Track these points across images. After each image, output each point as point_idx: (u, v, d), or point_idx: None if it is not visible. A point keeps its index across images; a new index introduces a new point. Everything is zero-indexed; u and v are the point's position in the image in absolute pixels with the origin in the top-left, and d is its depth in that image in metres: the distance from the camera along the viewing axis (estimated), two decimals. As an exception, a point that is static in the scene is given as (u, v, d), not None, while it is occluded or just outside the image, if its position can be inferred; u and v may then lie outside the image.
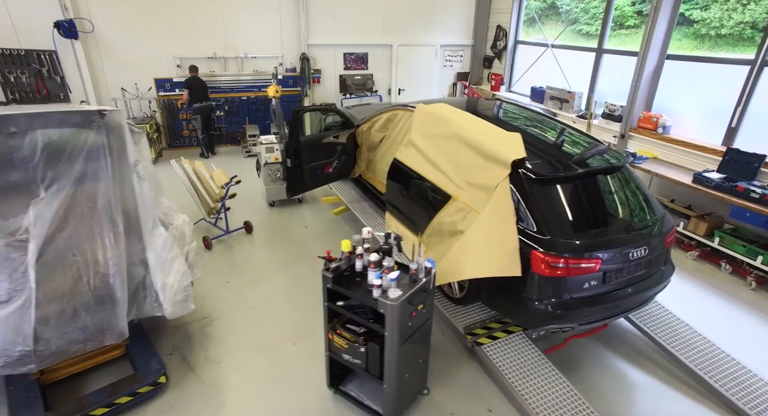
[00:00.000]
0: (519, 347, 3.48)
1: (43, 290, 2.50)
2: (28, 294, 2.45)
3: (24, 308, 2.45)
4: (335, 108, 5.28)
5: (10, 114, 2.32)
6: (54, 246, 2.54)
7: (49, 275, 2.52)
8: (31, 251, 2.46)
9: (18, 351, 2.51)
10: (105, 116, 2.58)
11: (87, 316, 2.68)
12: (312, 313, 4.34)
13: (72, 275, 2.61)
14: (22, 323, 2.45)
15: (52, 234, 2.52)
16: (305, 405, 3.31)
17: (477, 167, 3.61)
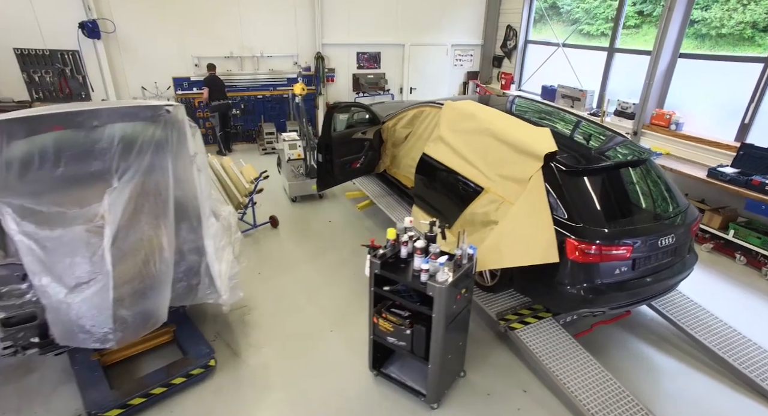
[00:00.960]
0: (549, 331, 3.65)
1: (118, 272, 2.67)
2: (106, 276, 2.63)
3: (104, 290, 2.62)
4: (365, 105, 5.44)
5: (93, 109, 2.49)
6: (125, 232, 2.71)
7: (121, 259, 2.70)
8: (107, 236, 2.63)
9: (102, 328, 2.69)
10: (170, 111, 2.76)
11: (153, 297, 2.86)
12: (344, 302, 4.51)
13: (140, 260, 2.78)
14: (102, 303, 2.63)
15: (123, 221, 2.69)
16: (348, 387, 3.48)
17: (508, 160, 3.78)
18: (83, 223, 2.64)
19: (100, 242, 2.63)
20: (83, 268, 2.62)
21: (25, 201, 2.65)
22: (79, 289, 2.62)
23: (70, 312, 2.62)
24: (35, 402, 3.21)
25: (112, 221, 2.62)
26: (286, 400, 3.35)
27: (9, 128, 2.27)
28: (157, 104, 2.67)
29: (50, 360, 3.56)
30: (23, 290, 2.75)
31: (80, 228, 2.61)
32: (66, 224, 2.63)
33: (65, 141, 2.54)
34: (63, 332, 2.69)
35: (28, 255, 2.60)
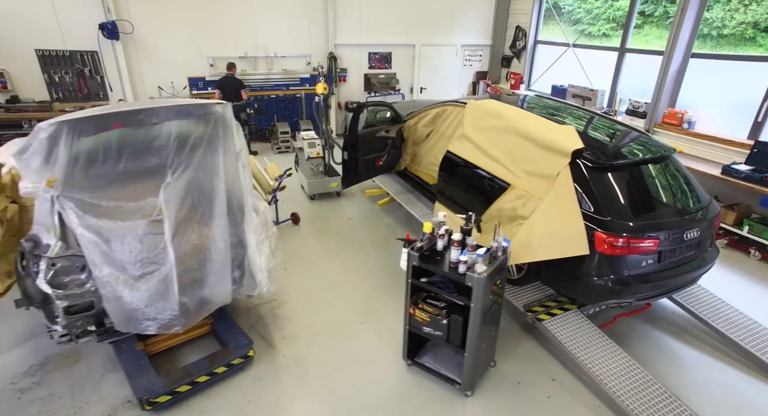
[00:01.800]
0: (576, 322, 3.77)
1: (179, 262, 2.81)
2: (170, 266, 2.76)
3: (169, 278, 2.76)
4: (389, 104, 5.57)
5: (151, 107, 2.62)
6: (182, 225, 2.84)
7: (180, 250, 2.83)
8: (167, 228, 2.76)
9: (168, 315, 2.82)
10: (219, 110, 2.88)
11: (211, 285, 3.00)
12: (371, 296, 4.64)
13: (196, 251, 2.91)
14: (168, 291, 2.76)
15: (180, 214, 2.82)
16: (383, 376, 3.60)
17: (534, 157, 3.91)
18: (142, 216, 2.77)
19: (161, 233, 2.76)
20: (147, 259, 2.75)
21: (85, 196, 2.77)
22: (145, 279, 2.75)
23: (134, 301, 2.75)
24: (86, 389, 3.34)
25: (170, 214, 2.75)
26: (324, 389, 3.47)
27: (79, 126, 2.40)
28: (207, 103, 2.79)
29: (95, 350, 3.69)
30: (83, 280, 2.88)
31: (141, 221, 2.74)
32: (126, 217, 2.76)
33: (123, 138, 2.67)
34: (125, 320, 2.82)
35: (89, 247, 2.73)
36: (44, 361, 3.60)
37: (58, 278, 2.83)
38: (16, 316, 4.06)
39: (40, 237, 2.89)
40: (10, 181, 3.42)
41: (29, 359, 3.61)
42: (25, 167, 2.45)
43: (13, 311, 4.00)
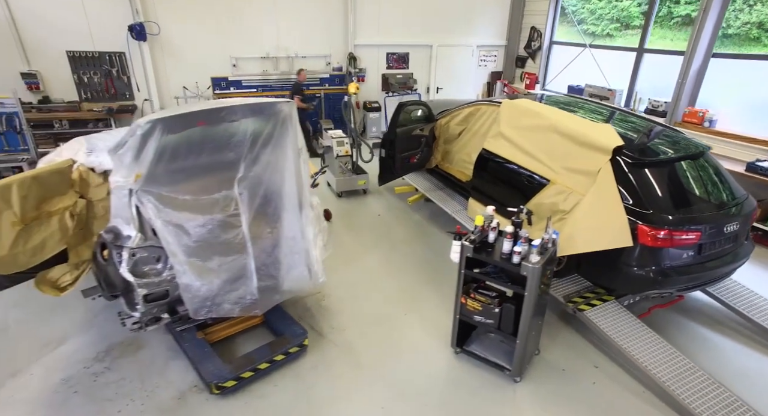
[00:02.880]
0: (615, 313, 3.92)
1: (255, 252, 2.97)
2: (248, 255, 2.92)
3: (248, 267, 2.92)
4: (426, 103, 5.73)
5: (231, 106, 2.77)
6: (256, 217, 3.00)
7: (255, 241, 2.99)
8: (244, 220, 2.92)
9: (248, 299, 2.99)
10: (285, 108, 3.04)
11: (284, 274, 3.17)
12: (409, 288, 4.79)
13: (269, 242, 3.08)
14: (248, 278, 2.92)
15: (252, 206, 2.98)
16: (432, 363, 3.76)
17: (574, 154, 4.06)
18: (218, 208, 2.93)
19: (238, 225, 2.92)
20: (225, 249, 2.91)
21: (162, 189, 2.93)
22: (224, 268, 2.91)
23: (212, 289, 2.91)
24: (153, 374, 3.50)
25: (245, 206, 2.91)
26: (377, 375, 3.63)
27: (170, 124, 2.55)
28: (276, 101, 2.95)
29: (154, 339, 3.85)
30: (159, 269, 3.05)
31: (218, 213, 2.90)
32: (202, 210, 2.92)
33: (200, 134, 2.82)
34: (200, 307, 2.99)
35: (169, 239, 2.89)
36: (109, 348, 3.77)
37: (138, 267, 3.00)
38: (75, 307, 4.24)
39: (120, 229, 3.05)
40: (79, 177, 3.59)
41: (95, 346, 3.78)
42: (118, 162, 2.61)
43: (71, 301, 4.20)
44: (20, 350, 3.73)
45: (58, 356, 3.68)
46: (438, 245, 5.74)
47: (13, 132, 5.77)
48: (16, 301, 4.28)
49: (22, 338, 3.87)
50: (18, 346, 3.78)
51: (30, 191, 3.25)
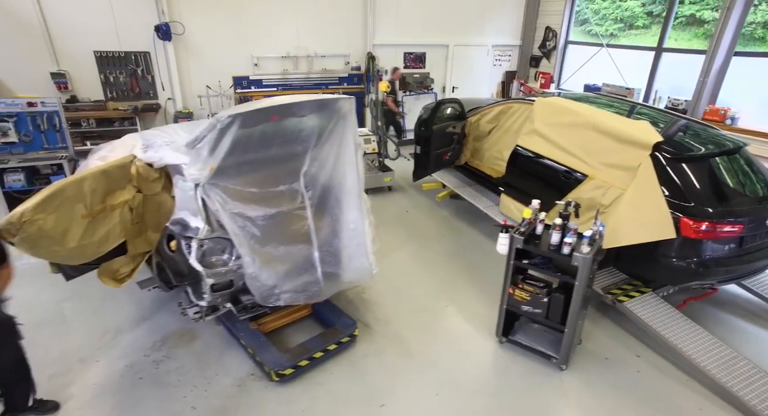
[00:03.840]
0: (654, 304, 4.03)
1: (319, 242, 3.09)
2: (313, 245, 3.04)
3: (313, 256, 3.03)
4: (459, 100, 5.85)
5: (301, 101, 2.89)
6: (320, 208, 3.12)
7: (319, 231, 3.11)
8: (309, 213, 3.04)
9: (314, 287, 3.10)
10: (347, 103, 3.16)
11: (344, 261, 3.29)
12: (447, 281, 4.92)
13: (332, 233, 3.19)
14: (313, 268, 3.04)
15: (316, 199, 3.10)
16: (479, 353, 3.88)
17: (612, 150, 4.17)
18: (285, 201, 3.05)
19: (304, 217, 3.04)
20: (291, 240, 3.03)
21: (229, 182, 3.05)
22: (290, 258, 3.02)
23: (279, 278, 3.03)
24: (210, 363, 3.62)
25: (310, 198, 3.03)
26: (427, 365, 3.74)
27: (248, 118, 2.66)
28: (339, 97, 3.07)
29: (208, 330, 3.97)
30: (225, 260, 3.17)
31: (285, 205, 3.02)
32: (268, 202, 3.03)
33: (271, 129, 2.93)
34: (267, 295, 3.10)
35: (236, 230, 3.00)
36: (164, 338, 3.89)
37: (206, 258, 3.11)
38: (123, 298, 4.36)
39: (187, 221, 3.18)
40: (137, 172, 3.71)
41: (151, 336, 3.90)
42: (195, 156, 2.72)
43: (119, 293, 4.31)
44: (82, 338, 3.86)
45: (117, 344, 3.80)
46: (467, 240, 5.86)
47: (52, 130, 5.88)
48: (69, 293, 4.40)
49: (81, 327, 3.99)
50: (79, 335, 3.90)
51: (98, 184, 3.37)
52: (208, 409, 3.21)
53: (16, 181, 5.58)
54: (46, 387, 3.31)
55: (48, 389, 3.30)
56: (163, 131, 4.05)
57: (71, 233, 3.30)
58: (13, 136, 5.72)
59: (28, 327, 3.93)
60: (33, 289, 4.43)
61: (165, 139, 3.80)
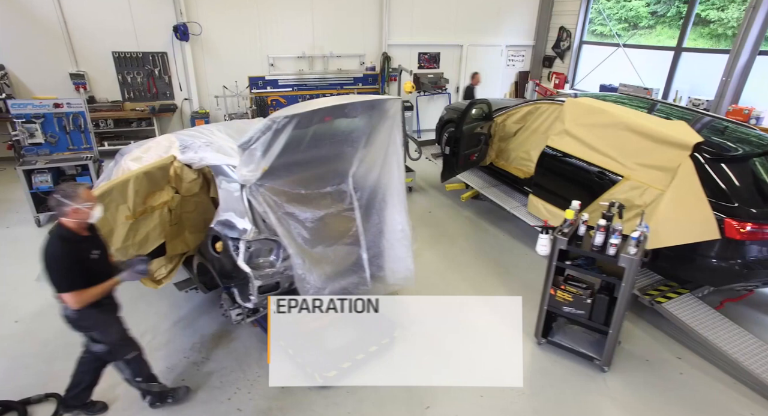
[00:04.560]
0: (693, 305, 4.00)
1: (367, 244, 3.08)
2: (361, 247, 3.03)
3: (362, 258, 3.03)
4: (487, 101, 5.83)
5: (354, 102, 2.87)
6: (367, 210, 3.10)
7: (368, 233, 3.10)
8: (357, 214, 3.03)
9: (362, 289, 3.10)
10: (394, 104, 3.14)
11: (391, 265, 3.28)
12: (477, 281, 4.90)
13: (379, 234, 3.18)
14: (362, 269, 3.03)
15: (364, 200, 3.09)
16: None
17: (649, 150, 4.14)
18: (333, 202, 3.03)
19: (352, 217, 3.03)
20: (339, 241, 3.01)
21: (277, 183, 3.03)
22: (341, 259, 3.01)
23: (327, 280, 3.02)
24: (251, 364, 3.60)
25: (358, 200, 3.01)
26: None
27: (303, 119, 2.64)
28: (387, 98, 3.05)
29: (245, 331, 3.96)
30: (272, 261, 3.15)
31: (333, 206, 3.00)
32: (318, 203, 3.02)
33: (323, 130, 2.92)
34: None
35: (284, 231, 2.98)
36: (202, 340, 3.88)
37: (253, 259, 3.10)
38: (155, 299, 4.34)
39: (233, 222, 3.16)
40: (175, 173, 3.70)
41: (189, 337, 3.89)
42: (248, 157, 2.71)
43: (151, 294, 4.30)
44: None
45: (156, 345, 3.78)
46: (493, 240, 5.85)
47: (77, 131, 5.88)
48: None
49: (117, 329, 3.97)
50: (116, 337, 3.88)
51: (141, 186, 3.37)
52: (254, 411, 3.20)
53: (44, 182, 5.57)
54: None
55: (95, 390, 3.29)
56: (200, 132, 4.03)
57: (116, 235, 3.30)
58: (40, 137, 5.71)
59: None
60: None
61: (203, 140, 3.79)
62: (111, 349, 2.79)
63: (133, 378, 2.95)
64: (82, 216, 2.47)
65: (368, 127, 3.00)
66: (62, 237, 2.47)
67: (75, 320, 2.64)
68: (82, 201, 2.44)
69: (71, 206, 2.42)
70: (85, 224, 2.55)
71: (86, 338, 2.80)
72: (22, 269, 4.74)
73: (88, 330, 2.73)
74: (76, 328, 2.71)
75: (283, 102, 10.00)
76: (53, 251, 2.44)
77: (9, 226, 5.66)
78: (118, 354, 2.83)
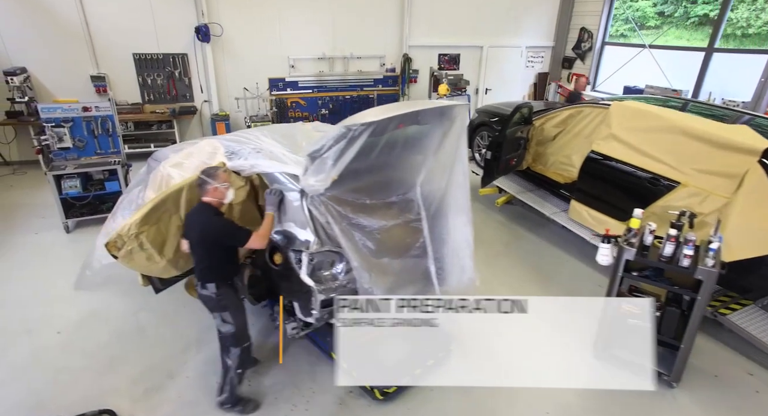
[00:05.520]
0: (759, 316, 3.85)
1: (434, 254, 2.95)
2: (429, 258, 2.91)
3: (429, 270, 2.91)
4: (530, 104, 5.70)
5: (425, 108, 2.73)
6: (434, 220, 2.98)
7: (434, 243, 2.97)
8: (425, 224, 2.90)
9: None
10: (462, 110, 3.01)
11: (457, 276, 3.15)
12: (518, 289, 4.80)
13: (446, 244, 3.06)
14: (429, 281, 2.92)
15: (433, 210, 2.96)
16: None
17: (709, 155, 4.00)
18: (400, 211, 2.90)
19: (419, 228, 2.90)
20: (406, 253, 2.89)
21: (340, 193, 2.90)
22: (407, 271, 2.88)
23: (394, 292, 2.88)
24: (304, 379, 3.47)
25: (426, 209, 2.89)
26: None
27: (379, 127, 2.50)
28: (456, 104, 2.92)
29: (293, 344, 3.81)
30: (334, 274, 3.02)
31: (400, 216, 2.87)
32: (383, 214, 2.89)
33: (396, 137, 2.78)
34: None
35: (348, 243, 2.85)
36: (250, 353, 3.74)
37: (315, 272, 2.97)
38: (197, 311, 4.16)
39: (293, 233, 3.03)
40: (223, 180, 3.56)
41: (236, 351, 3.75)
42: (319, 166, 2.58)
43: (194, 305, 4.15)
44: (165, 351, 3.71)
45: (202, 359, 3.66)
46: (531, 246, 5.71)
47: (104, 135, 5.75)
48: (140, 305, 4.26)
49: (161, 340, 3.85)
50: (162, 348, 3.75)
51: (192, 194, 3.24)
52: (314, 430, 3.07)
53: (73, 187, 5.44)
54: (144, 403, 3.19)
55: (146, 405, 3.17)
56: (245, 138, 3.90)
57: (168, 244, 3.17)
58: (68, 141, 5.58)
59: (111, 339, 3.84)
60: (102, 301, 4.30)
61: (251, 146, 3.66)
62: (236, 332, 2.94)
63: (235, 368, 3.02)
64: (220, 195, 2.81)
65: (438, 134, 2.87)
66: (214, 211, 2.81)
67: (216, 299, 2.85)
68: (220, 181, 2.78)
69: (212, 185, 2.76)
70: (220, 203, 2.84)
71: (218, 319, 2.93)
72: (56, 278, 4.63)
73: (224, 309, 2.89)
74: (215, 307, 2.91)
75: (302, 104, 9.90)
76: (217, 221, 2.77)
77: (38, 232, 5.53)
78: (240, 339, 2.99)
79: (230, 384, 3.07)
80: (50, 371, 3.44)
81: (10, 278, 4.60)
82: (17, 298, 4.26)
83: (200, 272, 2.86)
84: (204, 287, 2.84)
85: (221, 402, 3.13)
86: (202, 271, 2.85)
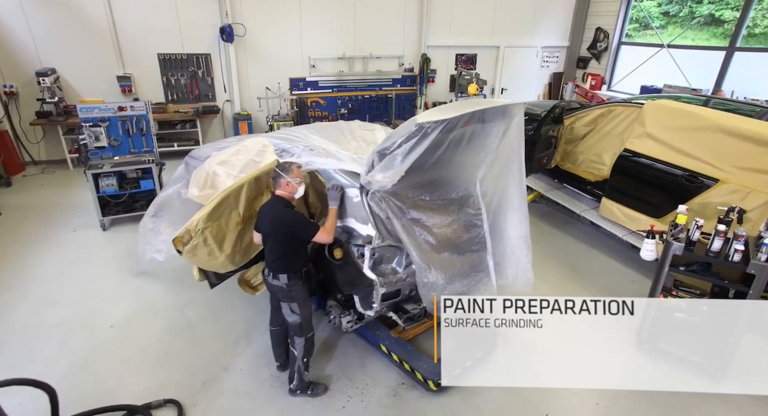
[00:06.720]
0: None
1: (493, 250, 3.03)
2: (488, 253, 2.99)
3: (489, 266, 2.99)
4: (562, 104, 5.77)
5: (490, 107, 2.79)
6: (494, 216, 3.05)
7: (494, 239, 3.04)
8: (485, 220, 2.97)
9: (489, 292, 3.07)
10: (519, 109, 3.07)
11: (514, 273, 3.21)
12: (557, 286, 4.81)
13: (504, 240, 3.13)
14: (488, 277, 3.00)
15: (493, 207, 3.03)
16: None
17: (752, 153, 4.06)
18: (460, 208, 2.97)
19: (479, 224, 2.97)
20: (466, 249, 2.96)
21: (401, 190, 2.96)
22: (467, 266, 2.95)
23: (454, 287, 2.95)
24: (356, 372, 3.53)
25: (486, 205, 2.96)
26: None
27: (449, 124, 2.55)
28: (515, 102, 2.98)
29: (342, 338, 3.88)
30: (394, 269, 3.09)
31: (460, 212, 2.94)
32: (444, 209, 2.95)
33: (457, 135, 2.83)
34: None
35: (409, 238, 2.91)
36: (300, 347, 3.81)
37: (377, 266, 3.04)
38: (242, 306, 4.28)
39: (354, 228, 3.10)
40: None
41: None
42: (388, 163, 2.64)
43: (239, 300, 4.24)
44: (216, 346, 3.78)
45: (253, 352, 3.72)
46: (562, 243, 5.77)
47: (138, 134, 5.84)
48: (186, 299, 4.34)
49: (210, 334, 3.92)
50: (213, 342, 3.83)
51: (251, 191, 3.32)
52: (372, 420, 3.14)
53: (110, 185, 5.53)
54: (203, 394, 3.26)
55: (205, 396, 3.25)
56: (294, 136, 3.97)
57: (227, 240, 3.26)
58: (104, 140, 5.66)
59: (162, 333, 3.92)
60: (147, 296, 4.38)
61: (302, 144, 3.74)
62: (302, 323, 3.04)
63: (302, 357, 3.13)
64: (291, 189, 2.94)
65: (499, 131, 2.93)
66: (286, 205, 2.93)
67: (286, 289, 2.95)
68: (293, 176, 2.91)
69: (285, 179, 2.90)
70: (291, 197, 2.97)
71: (287, 308, 3.03)
72: (100, 274, 4.72)
73: (293, 300, 2.99)
74: (285, 297, 3.01)
75: (322, 103, 9.98)
76: (290, 214, 2.90)
77: (75, 230, 5.62)
78: (305, 330, 3.07)
79: (298, 372, 3.18)
80: (111, 363, 3.52)
81: (60, 274, 4.69)
82: (69, 294, 4.35)
83: (272, 264, 2.95)
84: (276, 278, 2.94)
85: (293, 390, 3.25)
86: (275, 262, 2.93)
